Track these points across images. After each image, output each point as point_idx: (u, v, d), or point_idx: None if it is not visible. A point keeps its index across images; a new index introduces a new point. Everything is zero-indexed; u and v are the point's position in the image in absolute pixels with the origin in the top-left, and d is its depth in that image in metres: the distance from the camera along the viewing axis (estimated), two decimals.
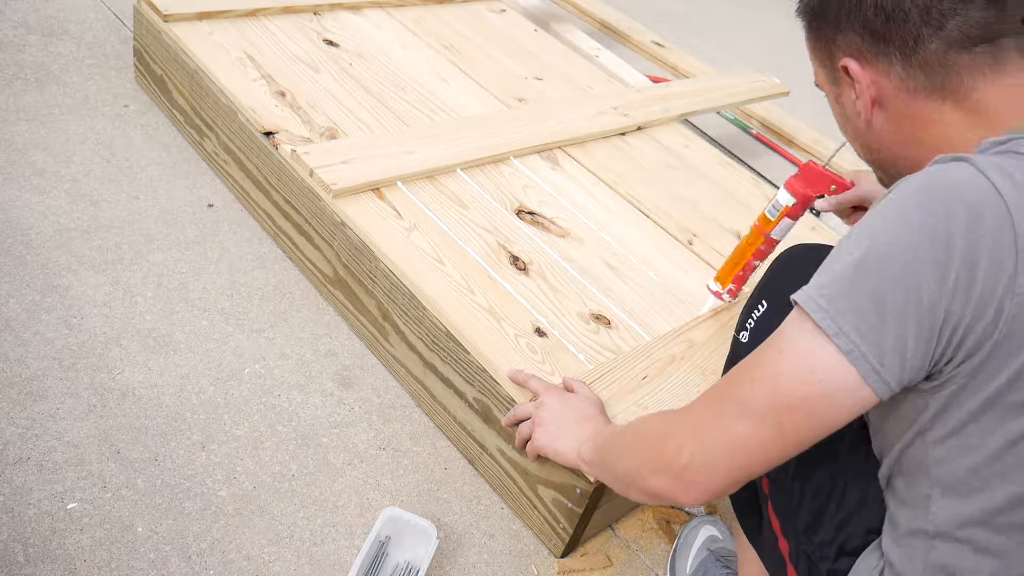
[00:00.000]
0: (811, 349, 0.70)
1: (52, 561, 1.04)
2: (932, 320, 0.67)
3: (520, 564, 1.22)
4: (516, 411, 1.17)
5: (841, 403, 0.71)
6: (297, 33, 1.92)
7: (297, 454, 1.26)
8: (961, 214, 0.67)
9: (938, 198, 0.68)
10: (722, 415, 0.77)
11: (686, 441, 0.79)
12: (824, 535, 0.89)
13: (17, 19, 2.02)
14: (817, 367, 0.70)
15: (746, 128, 2.67)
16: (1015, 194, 0.67)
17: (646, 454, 0.85)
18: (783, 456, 0.75)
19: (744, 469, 0.76)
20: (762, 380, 0.74)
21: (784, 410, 0.72)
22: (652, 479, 0.83)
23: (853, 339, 0.68)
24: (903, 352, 0.68)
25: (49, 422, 1.20)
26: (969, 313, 0.67)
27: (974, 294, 0.66)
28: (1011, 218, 0.66)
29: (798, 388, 0.71)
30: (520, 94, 2.00)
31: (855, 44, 0.81)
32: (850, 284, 0.69)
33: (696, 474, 0.78)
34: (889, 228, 0.69)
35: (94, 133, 1.75)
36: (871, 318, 0.68)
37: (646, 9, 3.42)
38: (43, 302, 1.37)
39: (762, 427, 0.73)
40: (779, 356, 0.73)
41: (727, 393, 0.78)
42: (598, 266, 1.50)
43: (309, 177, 1.46)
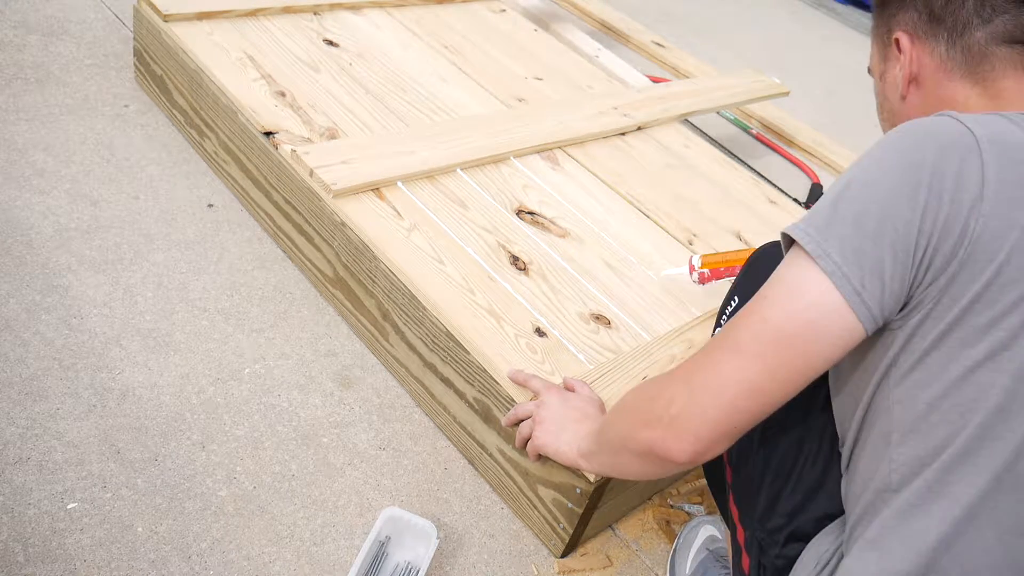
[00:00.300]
0: (796, 277, 0.74)
1: (52, 561, 1.04)
2: (906, 243, 0.72)
3: (520, 564, 1.22)
4: (516, 411, 1.18)
5: (826, 329, 0.73)
6: (297, 33, 1.92)
7: (297, 454, 1.26)
8: (930, 145, 0.73)
9: (912, 136, 0.75)
10: (712, 360, 0.78)
11: (676, 390, 0.80)
12: (777, 520, 0.91)
13: (17, 19, 2.02)
14: (802, 293, 0.73)
15: (746, 128, 2.67)
16: (986, 132, 0.73)
17: (638, 412, 0.85)
18: (773, 398, 0.76)
19: (734, 413, 0.77)
20: (750, 318, 0.76)
21: (772, 343, 0.74)
22: (642, 433, 0.83)
23: (835, 259, 0.72)
24: (882, 275, 0.72)
25: (49, 422, 1.20)
26: (936, 233, 0.71)
27: (941, 215, 0.71)
28: (979, 148, 0.72)
29: (784, 317, 0.74)
30: (520, 94, 2.00)
31: (912, 20, 0.90)
32: (832, 213, 0.74)
33: (687, 421, 0.78)
34: (867, 165, 0.76)
35: (94, 133, 1.75)
36: (852, 241, 0.72)
37: (646, 9, 3.42)
38: (43, 302, 1.37)
39: (752, 364, 0.75)
40: (766, 294, 0.77)
41: (719, 340, 0.79)
42: (598, 266, 1.51)
43: (309, 177, 1.46)
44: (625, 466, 0.92)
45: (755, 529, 0.94)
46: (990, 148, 0.72)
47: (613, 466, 0.97)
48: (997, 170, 0.71)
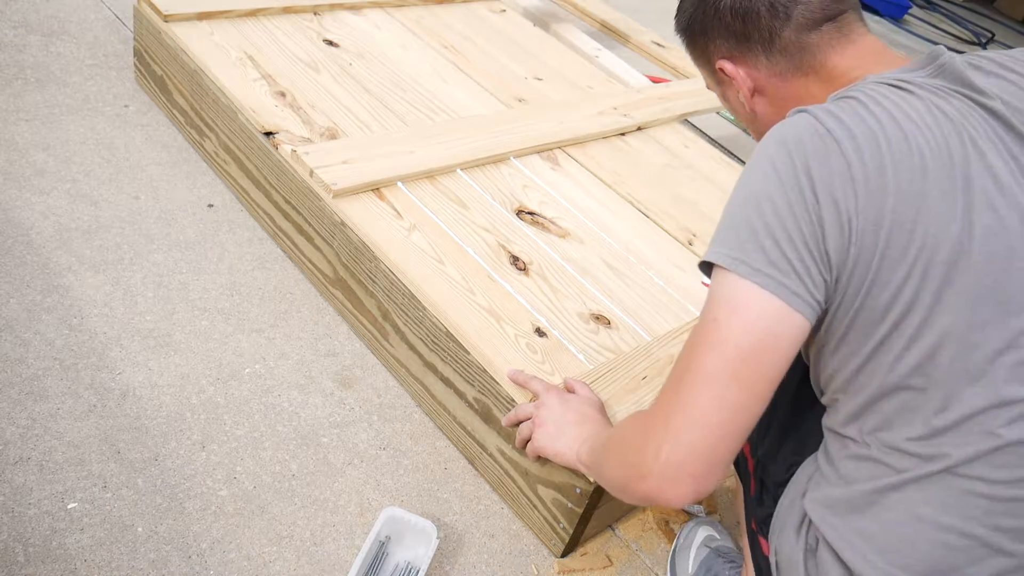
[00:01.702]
0: (737, 297, 0.77)
1: (52, 561, 1.04)
2: (814, 242, 0.76)
3: (520, 564, 1.22)
4: (516, 411, 1.18)
5: (782, 334, 0.77)
6: (297, 33, 1.92)
7: (297, 454, 1.26)
8: (798, 153, 0.78)
9: (783, 143, 0.79)
10: (685, 397, 0.79)
11: (660, 438, 0.80)
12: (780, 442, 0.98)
13: (17, 19, 2.02)
14: (750, 308, 0.76)
15: (746, 128, 2.67)
16: (840, 128, 0.77)
17: (630, 464, 0.86)
18: (754, 412, 0.78)
19: (723, 441, 0.78)
20: (709, 345, 0.78)
21: (740, 362, 0.76)
22: (641, 486, 0.83)
23: (767, 272, 0.76)
24: (808, 272, 0.76)
25: (49, 422, 1.20)
26: (829, 231, 0.76)
27: (825, 214, 0.76)
28: (839, 148, 0.76)
29: (742, 335, 0.76)
30: (520, 94, 2.00)
31: (724, 47, 0.95)
32: (745, 230, 0.78)
33: (679, 468, 0.79)
34: (756, 178, 0.80)
35: (94, 133, 1.75)
36: (773, 251, 0.76)
37: (646, 9, 3.42)
38: (43, 302, 1.37)
39: (727, 389, 0.77)
40: (714, 318, 0.79)
41: (683, 375, 0.80)
42: (598, 266, 1.51)
43: (309, 177, 1.46)
44: (627, 500, 0.95)
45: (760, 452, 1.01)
46: (848, 145, 0.76)
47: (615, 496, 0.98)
48: (859, 165, 0.76)
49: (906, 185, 0.75)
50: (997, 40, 4.75)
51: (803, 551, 0.88)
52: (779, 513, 0.94)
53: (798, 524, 0.90)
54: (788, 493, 0.94)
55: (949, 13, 4.97)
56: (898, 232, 0.75)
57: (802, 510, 0.90)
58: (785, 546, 0.91)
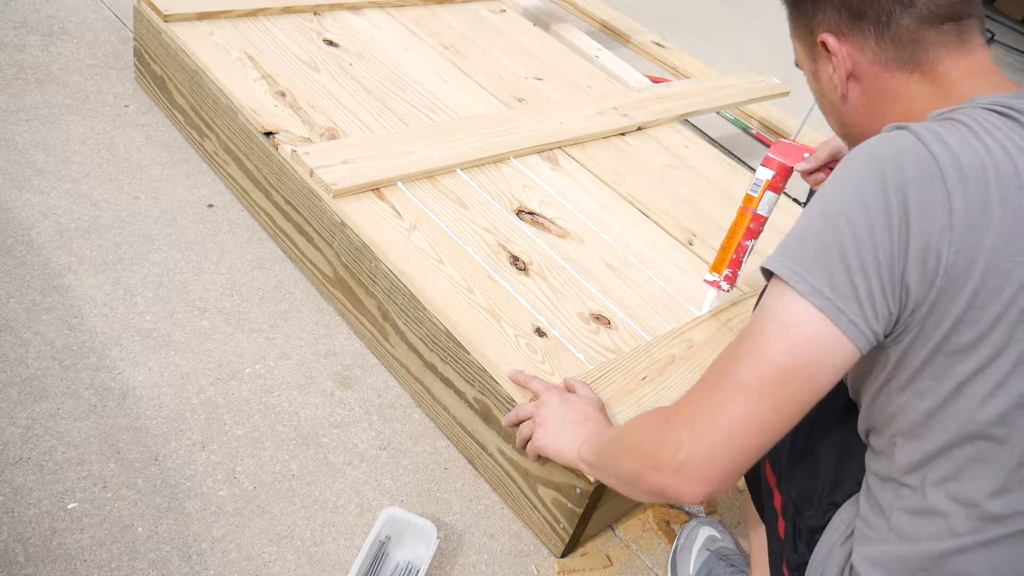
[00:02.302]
0: (790, 314, 0.74)
1: (52, 561, 1.04)
2: (890, 272, 0.73)
3: (520, 564, 1.22)
4: (517, 411, 1.17)
5: (827, 361, 0.74)
6: (297, 33, 1.92)
7: (297, 454, 1.26)
8: (896, 174, 0.73)
9: (878, 162, 0.75)
10: (716, 402, 0.77)
11: (683, 435, 0.79)
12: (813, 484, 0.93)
13: (17, 19, 2.02)
14: (801, 329, 0.74)
15: (746, 128, 2.67)
16: (946, 155, 0.73)
17: (645, 454, 0.85)
18: (780, 431, 0.77)
19: (744, 453, 0.77)
20: (750, 357, 0.76)
21: (776, 382, 0.74)
22: (653, 478, 0.83)
23: (828, 295, 0.73)
24: (873, 303, 0.73)
25: (49, 422, 1.20)
26: (914, 263, 0.73)
27: (913, 245, 0.72)
28: (942, 175, 0.72)
29: (786, 355, 0.74)
30: (520, 94, 2.00)
31: (833, 20, 0.87)
32: (814, 247, 0.75)
33: (697, 467, 0.78)
34: (840, 194, 0.76)
35: (94, 133, 1.75)
36: (840, 276, 0.73)
37: (646, 9, 3.42)
38: (43, 302, 1.37)
39: (759, 405, 0.75)
40: (761, 331, 0.76)
41: (718, 380, 0.78)
42: (598, 266, 1.51)
43: (309, 177, 1.46)
44: (632, 494, 0.93)
45: (791, 493, 0.96)
46: (952, 174, 0.72)
47: (617, 488, 0.97)
48: (961, 197, 0.72)
49: (1011, 223, 0.71)
50: (997, 40, 4.75)
51: None
52: (815, 561, 0.91)
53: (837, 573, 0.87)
54: (824, 541, 0.91)
55: None
56: (995, 271, 0.71)
57: (842, 563, 0.87)
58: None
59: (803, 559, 0.93)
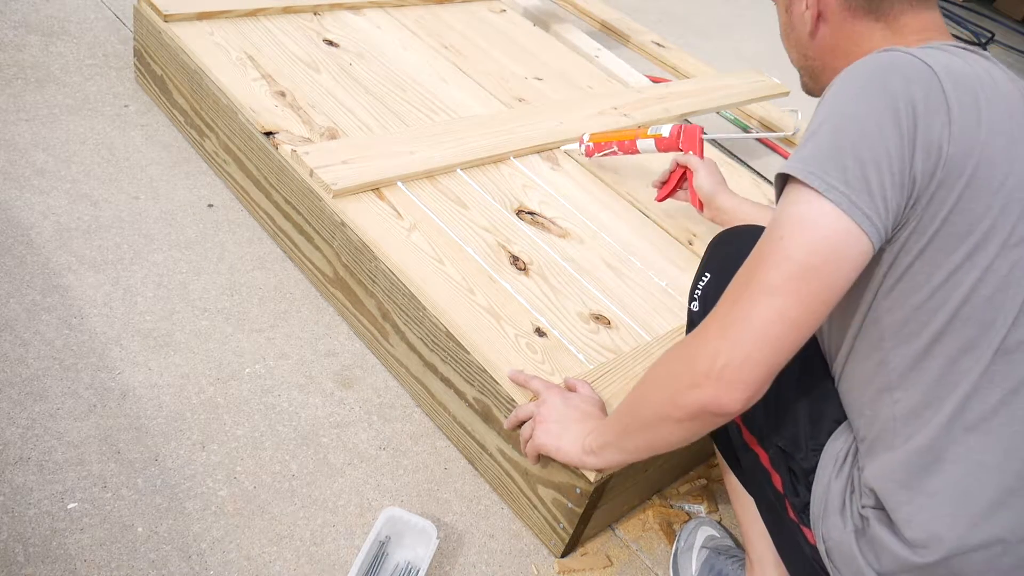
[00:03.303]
0: (808, 212, 0.78)
1: (52, 561, 1.04)
2: (900, 166, 0.78)
3: (520, 564, 1.22)
4: (517, 413, 1.17)
5: (846, 256, 0.77)
6: (297, 33, 1.92)
7: (297, 454, 1.26)
8: (898, 78, 0.80)
9: (878, 71, 0.82)
10: (744, 307, 0.80)
11: (717, 345, 0.81)
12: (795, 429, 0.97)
13: (17, 19, 2.02)
14: (818, 226, 0.77)
15: (746, 128, 2.67)
16: (938, 63, 0.81)
17: (676, 379, 0.86)
18: (809, 328, 0.79)
19: (778, 352, 0.79)
20: (773, 257, 0.79)
21: (800, 278, 0.77)
22: (691, 396, 0.83)
23: (843, 191, 0.77)
24: (884, 197, 0.78)
25: (49, 422, 1.20)
26: (919, 156, 0.78)
27: (920, 139, 0.78)
28: (938, 79, 0.80)
29: (807, 251, 0.78)
30: (520, 94, 2.00)
31: None
32: (828, 148, 0.79)
33: (737, 370, 0.80)
34: (847, 100, 0.81)
35: (94, 133, 1.75)
36: (854, 171, 0.77)
37: (646, 9, 3.42)
38: (43, 302, 1.37)
39: (785, 303, 0.78)
40: (780, 233, 0.80)
41: (743, 288, 0.81)
42: (598, 266, 1.51)
43: (309, 177, 1.46)
44: (660, 438, 0.93)
45: (778, 444, 0.98)
46: (947, 78, 0.80)
47: (639, 447, 0.97)
48: (956, 99, 0.79)
49: (997, 124, 0.79)
50: (997, 40, 4.75)
51: (853, 533, 0.89)
52: (816, 499, 0.94)
53: (840, 507, 0.90)
54: (820, 477, 0.94)
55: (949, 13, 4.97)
56: (984, 164, 0.78)
57: (843, 490, 0.90)
58: (833, 531, 0.91)
59: (806, 500, 0.96)
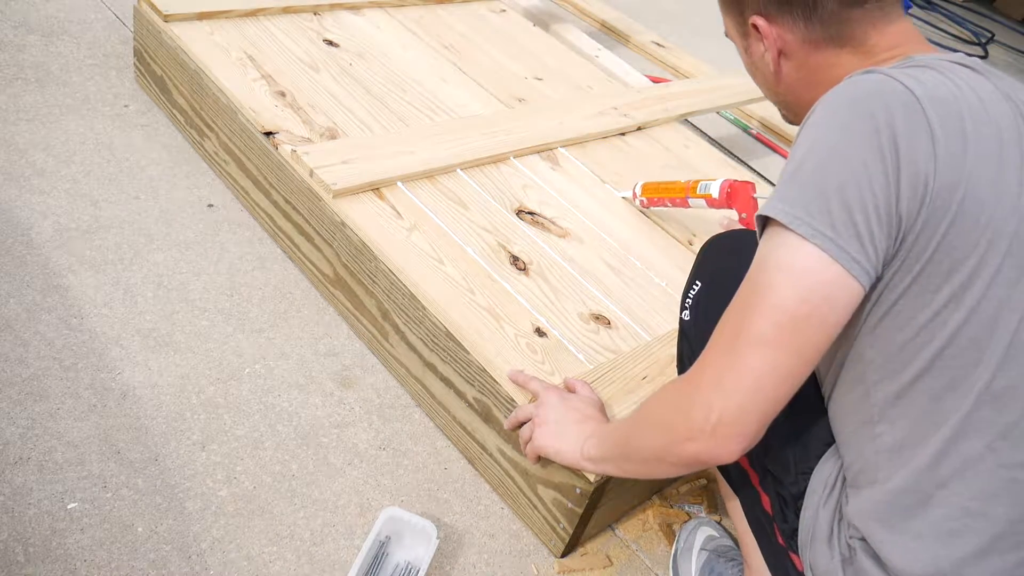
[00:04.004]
0: (795, 259, 0.76)
1: (52, 561, 1.04)
2: (887, 206, 0.75)
3: (520, 564, 1.22)
4: (517, 414, 1.17)
5: (838, 301, 0.76)
6: (297, 33, 1.92)
7: (297, 454, 1.26)
8: (880, 108, 0.77)
9: (859, 101, 0.78)
10: (737, 359, 0.78)
11: (711, 398, 0.80)
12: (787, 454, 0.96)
13: (17, 19, 2.02)
14: (807, 274, 0.76)
15: (746, 128, 2.67)
16: (920, 88, 0.77)
17: (673, 426, 0.85)
18: (802, 376, 0.79)
19: (773, 403, 0.79)
20: (762, 307, 0.77)
21: (792, 330, 0.76)
22: (687, 448, 0.83)
23: (830, 236, 0.75)
24: (873, 240, 0.76)
25: (49, 422, 1.20)
26: (905, 192, 0.75)
27: (904, 176, 0.75)
28: (922, 107, 0.76)
29: (798, 300, 0.76)
30: (520, 94, 2.00)
31: (762, 3, 0.92)
32: (812, 190, 0.77)
33: (731, 425, 0.79)
34: (827, 134, 0.78)
35: (94, 133, 1.75)
36: (840, 215, 0.75)
37: (646, 9, 3.42)
38: (43, 302, 1.37)
39: (778, 354, 0.77)
40: (769, 281, 0.78)
41: (735, 338, 0.80)
42: (598, 266, 1.51)
43: (309, 177, 1.46)
44: (656, 473, 0.94)
45: (767, 467, 0.98)
46: (931, 105, 0.76)
47: (634, 472, 0.98)
48: (940, 126, 0.76)
49: (983, 151, 0.76)
50: (997, 40, 4.74)
51: (840, 562, 0.88)
52: (804, 526, 0.93)
53: (827, 535, 0.89)
54: (808, 504, 0.93)
55: (949, 13, 4.96)
56: (971, 198, 0.75)
57: (831, 519, 0.89)
58: (820, 559, 0.90)
59: (794, 526, 0.95)
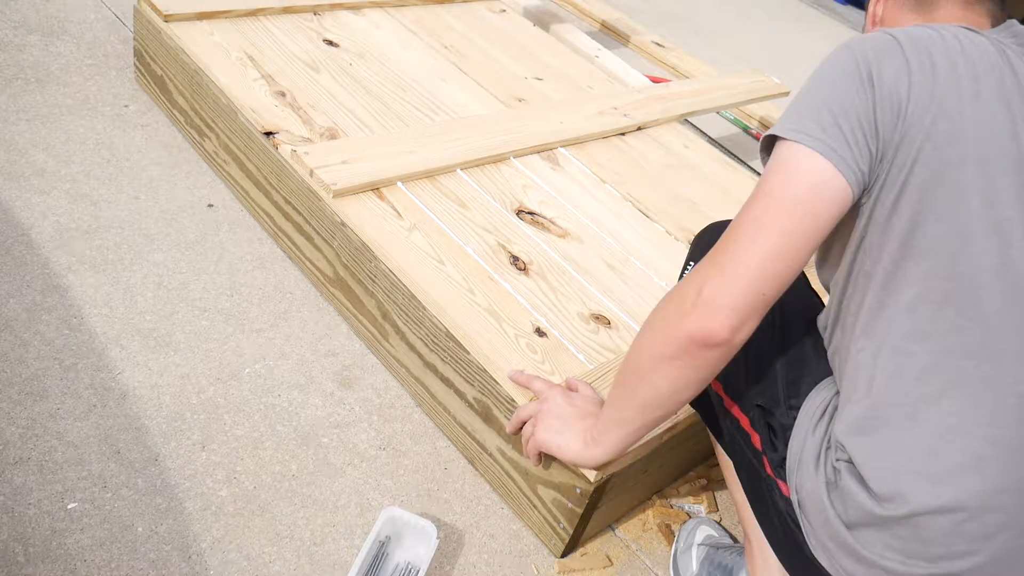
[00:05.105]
0: (790, 159, 0.85)
1: (52, 561, 1.04)
2: (867, 121, 0.85)
3: (520, 564, 1.22)
4: (519, 413, 1.17)
5: (825, 194, 0.84)
6: (297, 33, 1.92)
7: (297, 454, 1.26)
8: (862, 49, 0.88)
9: (848, 47, 0.90)
10: (731, 240, 0.86)
11: (703, 275, 0.87)
12: (775, 390, 1.02)
13: (17, 19, 2.02)
14: (798, 167, 0.85)
15: (746, 128, 2.67)
16: (901, 34, 0.88)
17: (667, 315, 0.91)
18: (790, 264, 0.85)
19: (760, 279, 0.84)
20: (758, 198, 0.86)
21: (782, 211, 0.84)
22: (678, 327, 0.88)
23: (818, 136, 0.84)
24: (857, 143, 0.84)
25: (49, 422, 1.20)
26: (883, 112, 0.85)
27: (879, 93, 0.85)
28: (898, 44, 0.87)
29: (788, 189, 0.85)
30: (520, 94, 2.00)
31: None
32: (804, 107, 0.88)
33: (720, 296, 0.85)
34: (820, 71, 0.90)
35: (94, 133, 1.75)
36: (827, 120, 0.85)
37: (646, 9, 3.42)
38: (43, 302, 1.37)
39: (770, 231, 0.84)
40: (766, 178, 0.87)
41: (732, 227, 0.87)
42: (598, 266, 1.51)
43: (309, 177, 1.46)
44: (656, 387, 0.95)
45: (757, 402, 1.03)
46: (907, 42, 0.86)
47: (636, 409, 0.99)
48: (915, 57, 0.85)
49: (953, 79, 0.84)
50: None
51: (824, 484, 0.91)
52: (792, 453, 0.97)
53: (815, 459, 0.93)
54: (797, 434, 0.97)
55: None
56: (942, 118, 0.83)
57: (819, 446, 0.94)
58: (806, 482, 0.94)
59: (782, 456, 0.99)
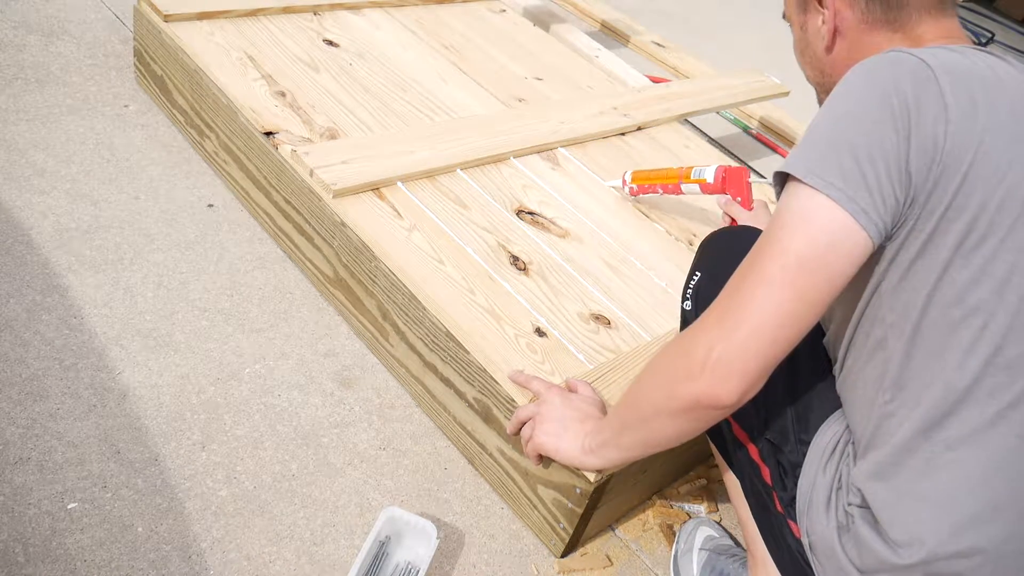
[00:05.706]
0: (806, 208, 0.79)
1: (52, 561, 1.04)
2: (897, 164, 0.79)
3: (520, 564, 1.22)
4: (519, 414, 1.17)
5: (843, 249, 0.78)
6: (297, 33, 1.92)
7: (297, 454, 1.26)
8: (894, 77, 0.81)
9: (874, 72, 0.83)
10: (741, 298, 0.80)
11: (713, 335, 0.81)
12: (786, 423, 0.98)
13: (17, 19, 2.02)
14: (816, 220, 0.79)
15: (746, 128, 2.67)
16: (934, 60, 0.82)
17: (672, 371, 0.86)
18: (804, 322, 0.80)
19: (773, 343, 0.80)
20: (771, 250, 0.80)
21: (797, 270, 0.79)
22: (686, 388, 0.84)
23: (839, 186, 0.78)
24: (882, 193, 0.79)
25: (49, 422, 1.20)
26: (916, 152, 0.79)
27: (914, 137, 0.79)
28: (935, 76, 0.80)
29: (804, 243, 0.79)
30: (520, 94, 2.00)
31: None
32: (825, 145, 0.81)
33: (730, 363, 0.80)
34: (844, 101, 0.83)
35: (94, 133, 1.75)
36: (850, 167, 0.79)
37: (646, 9, 3.42)
38: (43, 302, 1.37)
39: (783, 292, 0.79)
40: (780, 226, 0.81)
41: (741, 280, 0.82)
42: (598, 266, 1.51)
43: (309, 177, 1.46)
44: (657, 434, 0.93)
45: (767, 437, 1.00)
46: (943, 75, 0.80)
47: (635, 443, 0.98)
48: (952, 92, 0.80)
49: (993, 116, 0.79)
50: (997, 40, 4.74)
51: (836, 529, 0.90)
52: (802, 492, 0.95)
53: (825, 501, 0.91)
54: (807, 471, 0.95)
55: None
56: (982, 160, 0.78)
57: (829, 486, 0.91)
58: (817, 525, 0.92)
59: (793, 494, 0.97)
